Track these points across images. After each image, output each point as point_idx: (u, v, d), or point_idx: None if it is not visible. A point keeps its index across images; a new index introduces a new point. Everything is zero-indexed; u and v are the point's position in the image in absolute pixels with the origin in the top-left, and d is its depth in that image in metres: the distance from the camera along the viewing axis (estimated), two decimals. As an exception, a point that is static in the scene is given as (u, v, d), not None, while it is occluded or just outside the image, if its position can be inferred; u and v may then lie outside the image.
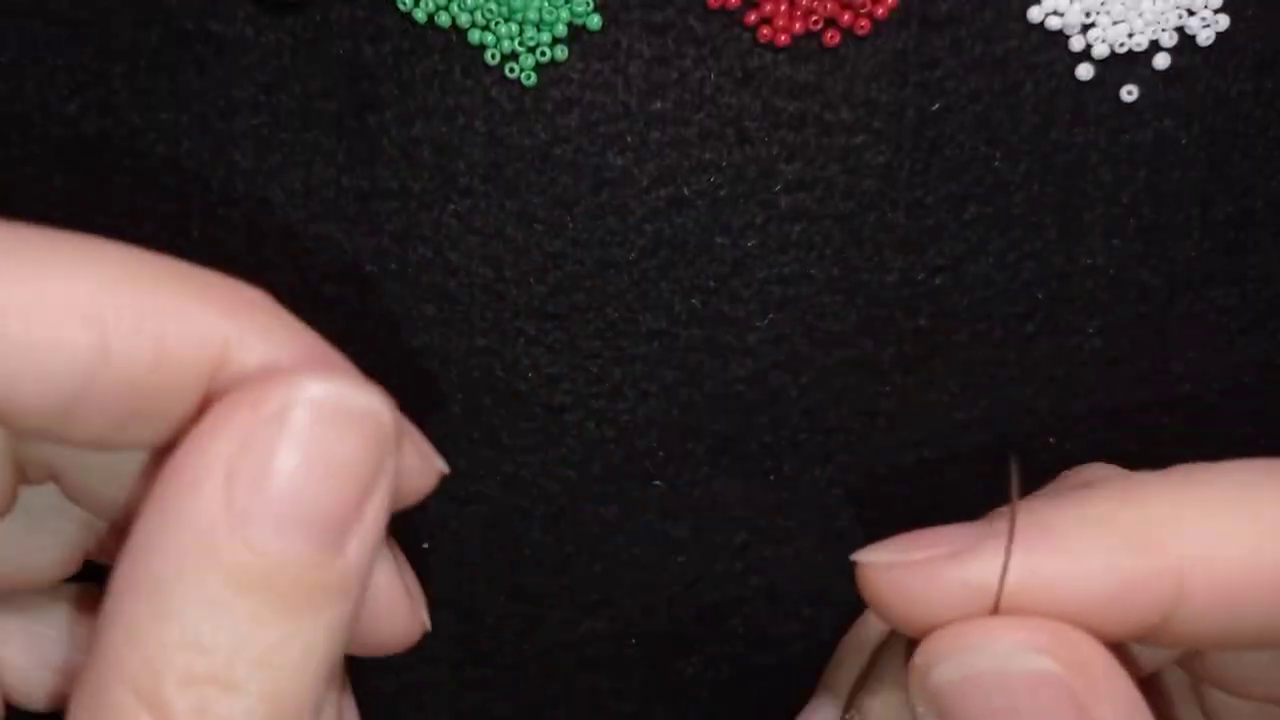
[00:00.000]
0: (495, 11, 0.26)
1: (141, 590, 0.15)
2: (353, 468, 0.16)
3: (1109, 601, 0.17)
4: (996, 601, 0.17)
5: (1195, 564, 0.17)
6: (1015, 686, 0.17)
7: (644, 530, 0.29)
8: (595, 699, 0.30)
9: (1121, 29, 0.26)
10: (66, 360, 0.15)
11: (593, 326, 0.28)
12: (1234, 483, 0.18)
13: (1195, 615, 0.17)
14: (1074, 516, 0.17)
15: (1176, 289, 0.28)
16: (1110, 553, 0.17)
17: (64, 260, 0.15)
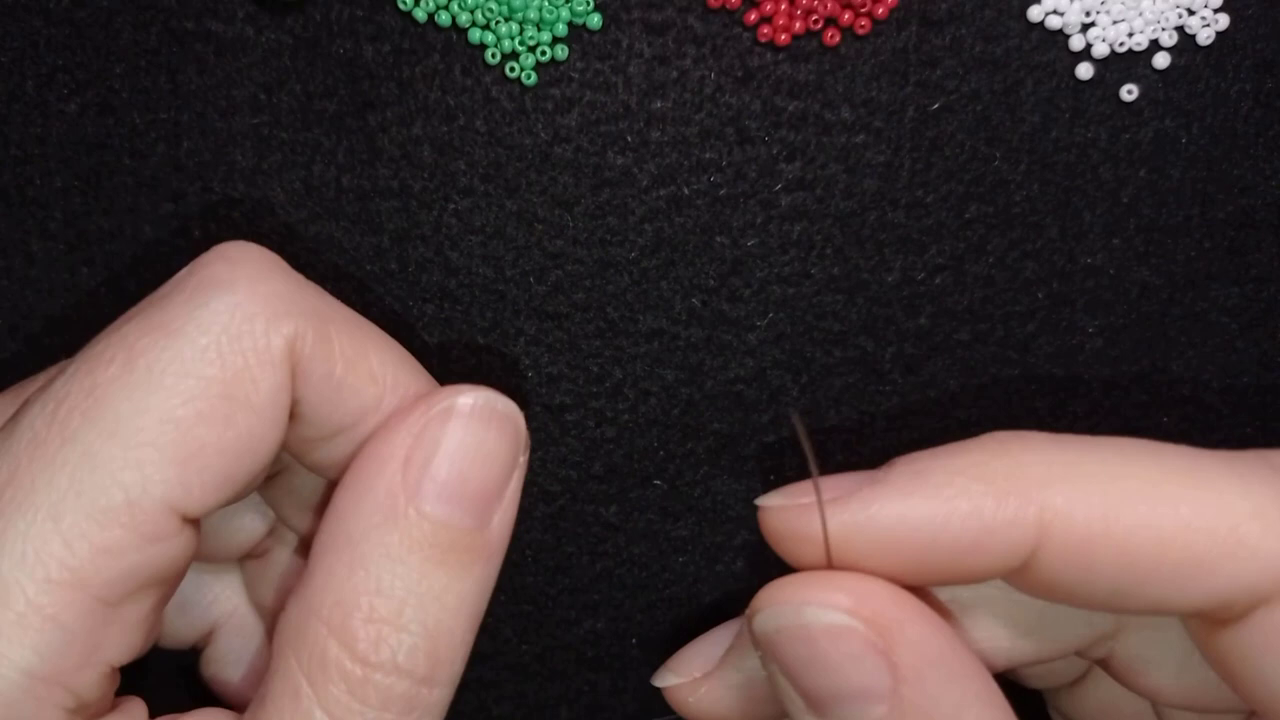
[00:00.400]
0: (495, 11, 0.26)
1: (337, 546, 0.20)
2: (497, 457, 0.21)
3: (974, 543, 0.19)
4: (826, 547, 0.20)
5: (1055, 515, 0.19)
6: (816, 638, 0.19)
7: (644, 530, 0.29)
8: (595, 699, 0.30)
9: (1121, 28, 0.26)
10: (357, 401, 0.21)
11: (593, 326, 0.28)
12: (1106, 449, 0.19)
13: (1053, 566, 0.19)
14: (948, 465, 0.19)
15: (1176, 289, 0.28)
16: (977, 498, 0.19)
17: (375, 335, 0.22)
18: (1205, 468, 0.19)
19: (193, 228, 0.27)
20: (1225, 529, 0.18)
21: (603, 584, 0.29)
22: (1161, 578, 0.19)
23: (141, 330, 0.20)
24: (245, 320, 0.20)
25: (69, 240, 0.28)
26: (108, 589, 0.19)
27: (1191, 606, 0.19)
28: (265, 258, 0.21)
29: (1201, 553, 0.18)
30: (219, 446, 0.19)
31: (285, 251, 0.27)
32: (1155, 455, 0.19)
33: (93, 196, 0.27)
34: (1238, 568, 0.18)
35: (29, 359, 0.28)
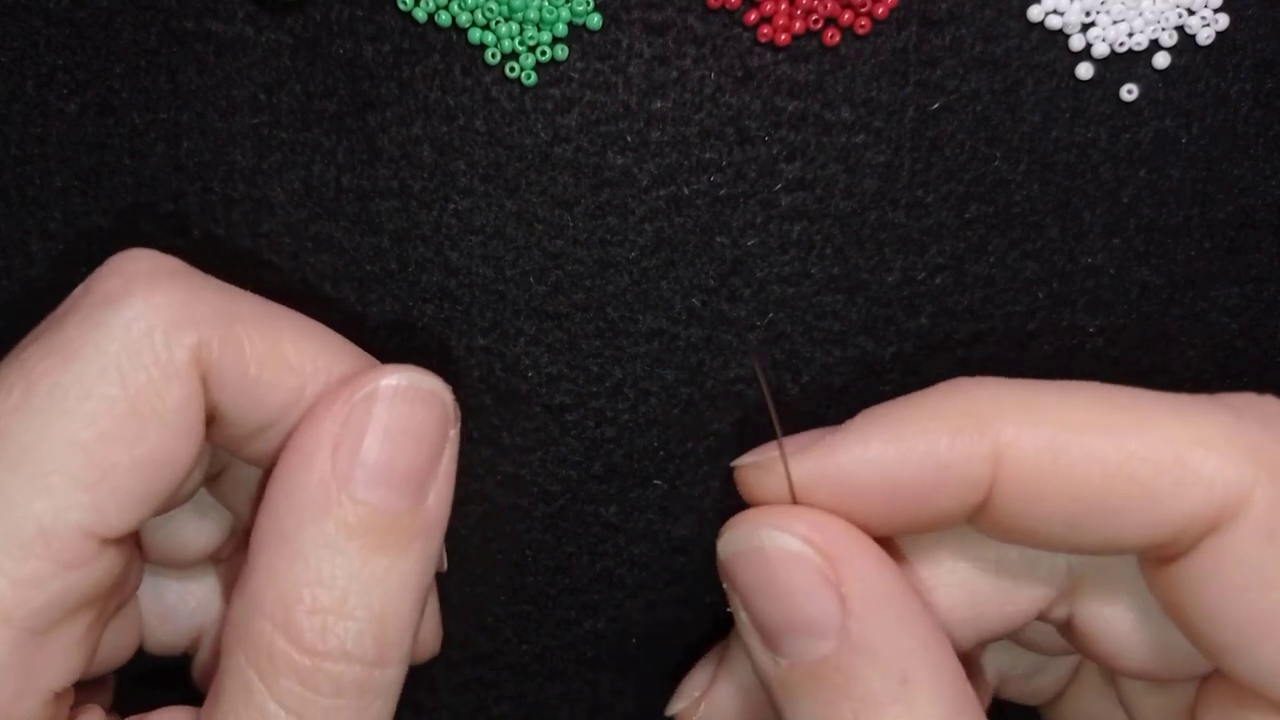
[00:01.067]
0: (495, 11, 0.26)
1: (274, 540, 0.20)
2: (426, 434, 0.21)
3: (933, 481, 0.20)
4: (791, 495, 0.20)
5: (1007, 448, 0.19)
6: (771, 561, 0.20)
7: (644, 530, 0.29)
8: (595, 699, 0.30)
9: (1121, 28, 0.26)
10: (277, 397, 0.21)
11: (593, 326, 0.28)
12: (1057, 388, 0.20)
13: (1009, 501, 0.19)
14: (905, 409, 0.20)
15: (1176, 289, 0.28)
16: (932, 436, 0.20)
17: (289, 326, 0.21)
18: (1152, 403, 0.20)
19: (192, 228, 0.27)
20: (1170, 458, 0.19)
21: (603, 584, 0.29)
22: (1111, 508, 0.19)
23: (39, 355, 0.20)
24: (144, 335, 0.20)
25: (69, 240, 0.28)
26: (33, 619, 0.19)
27: (1143, 539, 0.19)
28: (161, 266, 0.21)
29: (1147, 481, 0.19)
30: (130, 465, 0.19)
31: (285, 251, 0.27)
32: (1104, 392, 0.20)
33: (93, 196, 0.27)
34: (1183, 495, 0.19)
35: (29, 359, 0.28)
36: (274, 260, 0.27)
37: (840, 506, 0.20)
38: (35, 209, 0.27)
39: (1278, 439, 0.19)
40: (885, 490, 0.20)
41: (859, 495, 0.20)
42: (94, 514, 0.19)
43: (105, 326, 0.20)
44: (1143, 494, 0.19)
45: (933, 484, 0.20)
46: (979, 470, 0.19)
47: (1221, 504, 0.18)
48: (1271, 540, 0.18)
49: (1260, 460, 0.19)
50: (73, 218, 0.27)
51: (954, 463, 0.19)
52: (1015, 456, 0.19)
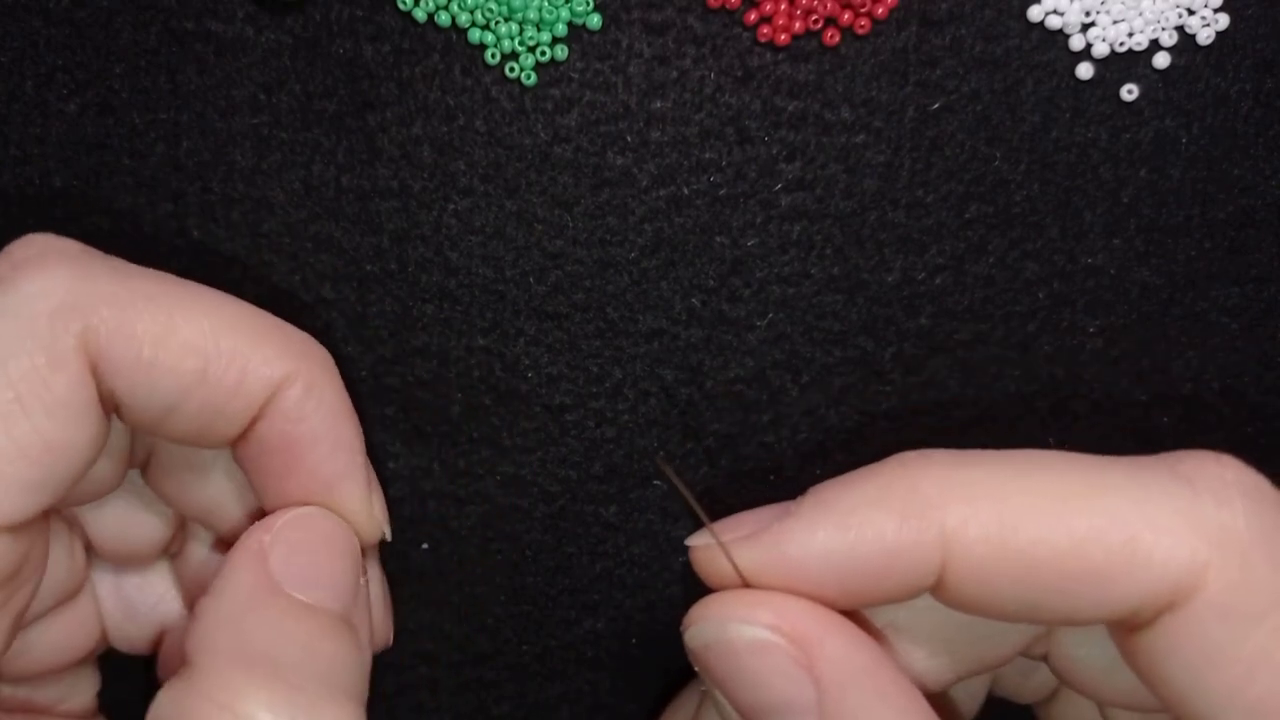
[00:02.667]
0: (495, 11, 0.26)
1: (218, 624, 0.20)
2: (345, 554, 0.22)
3: (882, 566, 0.20)
4: (740, 576, 0.21)
5: (954, 534, 0.19)
6: (740, 653, 0.20)
7: (644, 530, 0.29)
8: (595, 699, 0.30)
9: (1121, 28, 0.26)
10: (175, 378, 0.21)
11: (593, 326, 0.28)
12: (1005, 464, 0.20)
13: (960, 582, 0.20)
14: (851, 494, 0.20)
15: (1176, 289, 0.28)
16: (879, 524, 0.20)
17: (187, 306, 0.21)
18: (1103, 479, 0.20)
19: (192, 228, 0.27)
20: (1120, 541, 0.19)
21: (603, 584, 0.29)
22: (1065, 590, 0.19)
23: None
24: (29, 322, 0.19)
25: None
26: None
27: (1099, 616, 0.19)
28: (52, 248, 0.21)
29: (1099, 565, 0.19)
30: (16, 453, 0.19)
31: (285, 251, 0.27)
32: (1053, 468, 0.20)
33: (93, 196, 0.27)
34: (1136, 578, 0.19)
35: (29, 359, 0.28)
36: (274, 260, 0.27)
37: (793, 589, 0.20)
38: (35, 209, 0.27)
39: (1230, 513, 0.19)
40: (835, 575, 0.20)
41: (810, 580, 0.20)
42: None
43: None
44: (1095, 576, 0.19)
45: (882, 569, 0.20)
46: (928, 555, 0.19)
47: (1175, 585, 0.19)
48: (1226, 619, 0.18)
49: (1213, 539, 0.19)
50: (73, 218, 0.27)
51: (901, 549, 0.20)
52: (963, 541, 0.19)
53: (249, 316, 0.22)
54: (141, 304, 0.20)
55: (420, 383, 0.28)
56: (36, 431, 0.19)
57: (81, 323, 0.20)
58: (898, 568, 0.20)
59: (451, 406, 0.28)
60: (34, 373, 0.19)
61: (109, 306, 0.20)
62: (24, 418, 0.19)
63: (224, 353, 0.21)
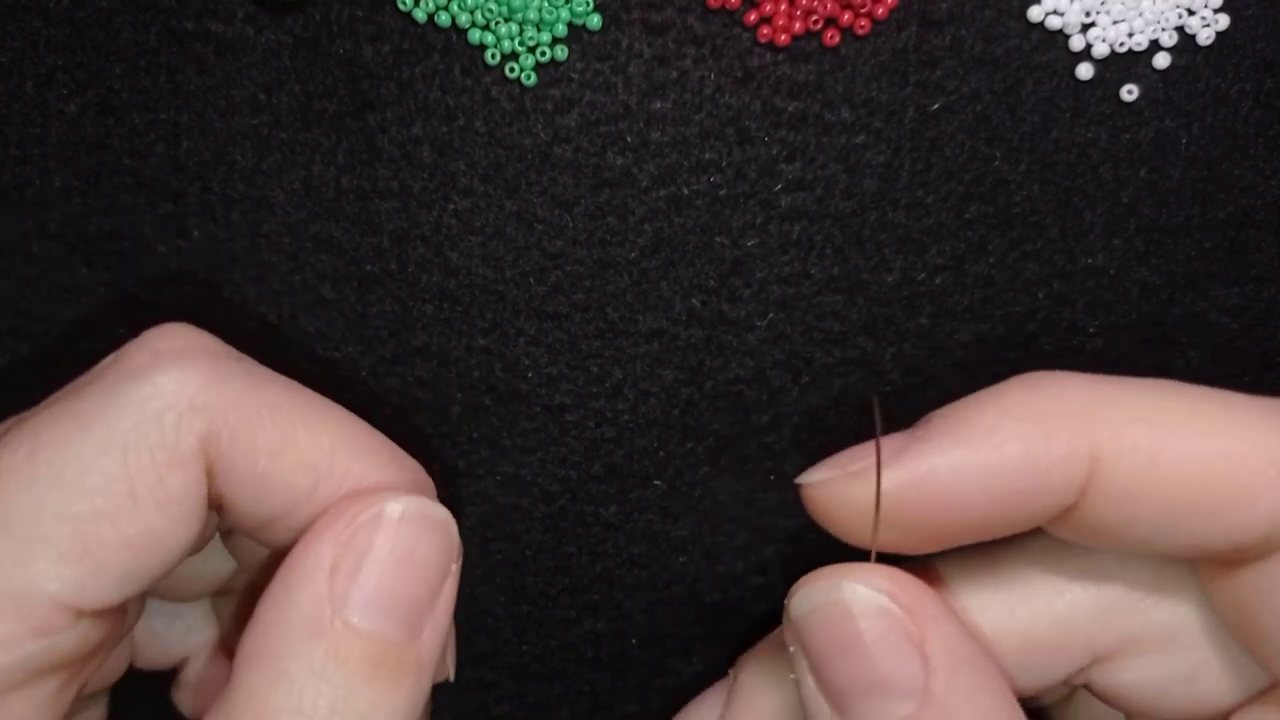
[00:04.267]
0: (495, 11, 0.26)
1: (259, 659, 0.19)
2: (428, 566, 0.20)
3: (1029, 485, 0.19)
4: (876, 513, 0.19)
5: (1105, 449, 0.19)
6: (854, 616, 0.19)
7: (644, 530, 0.29)
8: (595, 699, 0.30)
9: (1121, 28, 0.26)
10: (286, 494, 0.20)
11: (593, 326, 0.28)
12: (1144, 387, 0.19)
13: (1101, 503, 0.19)
14: (992, 409, 0.19)
15: (1176, 289, 0.28)
16: (1027, 438, 0.19)
17: (310, 420, 0.21)
18: (1241, 405, 0.19)
19: (192, 228, 0.27)
20: (1265, 461, 0.18)
21: (603, 584, 0.29)
22: (1204, 511, 0.18)
23: (51, 420, 0.19)
24: (155, 415, 0.19)
25: (69, 240, 0.28)
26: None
27: (1233, 541, 0.19)
28: (194, 344, 0.21)
29: (1243, 484, 0.18)
30: (119, 544, 0.19)
31: (285, 251, 0.27)
32: (1192, 393, 0.19)
33: (93, 196, 0.27)
34: (1276, 499, 0.18)
35: (29, 359, 0.28)
36: (274, 260, 0.27)
37: (932, 517, 0.19)
38: (35, 209, 0.27)
39: None
40: (980, 498, 0.19)
41: (951, 505, 0.19)
42: (72, 587, 0.19)
43: (120, 402, 0.19)
44: (1237, 495, 0.18)
45: (1029, 489, 0.19)
46: (1076, 471, 0.19)
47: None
48: None
49: None
50: (73, 218, 0.27)
51: (1051, 465, 0.19)
52: (1112, 456, 0.18)
53: (365, 437, 0.22)
54: (266, 414, 0.20)
55: (420, 383, 0.28)
56: (144, 525, 0.19)
57: (207, 426, 0.19)
58: (1045, 486, 0.19)
59: (451, 406, 0.28)
60: (152, 468, 0.19)
61: (235, 413, 0.20)
62: (135, 511, 0.19)
63: (336, 473, 0.21)
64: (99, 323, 0.28)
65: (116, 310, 0.28)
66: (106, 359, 0.21)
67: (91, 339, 0.28)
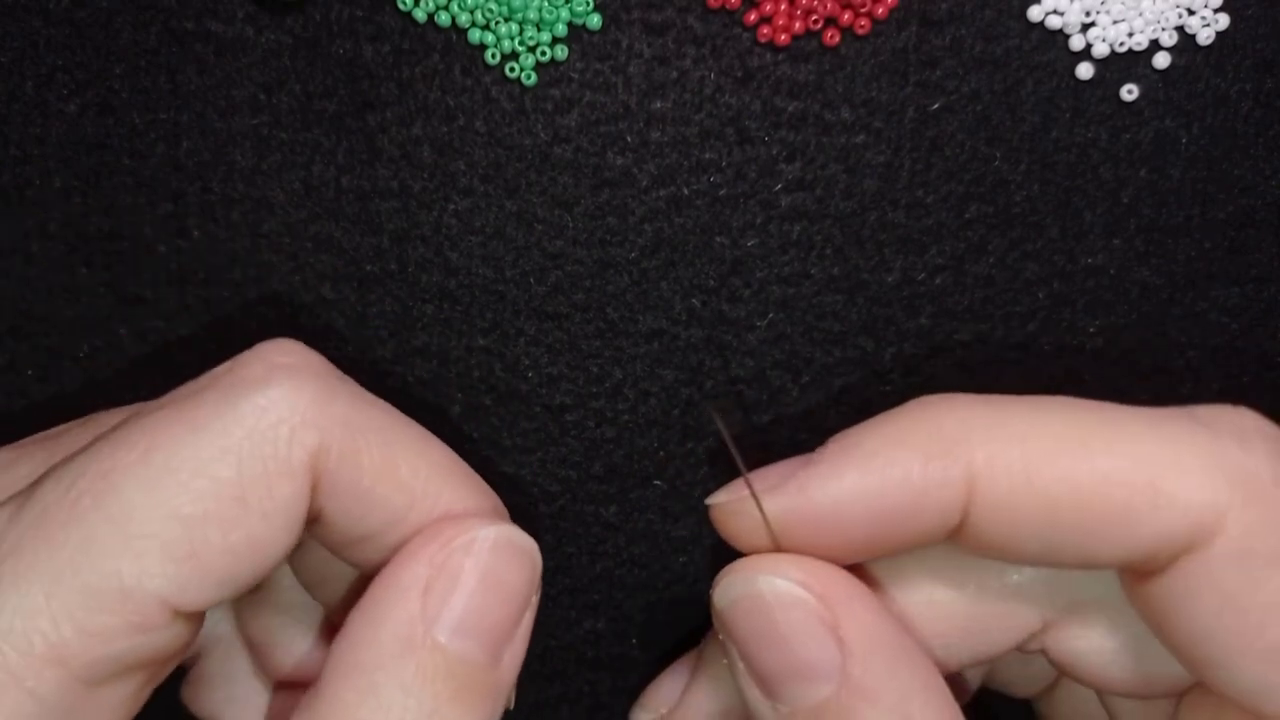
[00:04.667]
0: (495, 11, 0.26)
1: (349, 671, 0.20)
2: (514, 593, 0.21)
3: (909, 507, 0.20)
4: (770, 534, 0.20)
5: (979, 472, 0.19)
6: (769, 606, 0.20)
7: (644, 530, 0.29)
8: (595, 699, 0.30)
9: (1121, 28, 0.26)
10: (383, 512, 0.21)
11: (593, 326, 0.28)
12: (1028, 406, 0.20)
13: (984, 522, 0.20)
14: (875, 435, 0.20)
15: (1176, 289, 0.28)
16: (904, 464, 0.20)
17: (408, 445, 0.21)
18: (1125, 421, 0.19)
19: (192, 228, 0.27)
20: (1143, 480, 0.19)
21: (603, 584, 0.29)
22: (1086, 530, 0.19)
23: (168, 421, 0.20)
24: (270, 427, 0.20)
25: (69, 240, 0.28)
26: (89, 670, 0.19)
27: (1117, 558, 0.19)
28: (306, 361, 0.21)
29: (1122, 504, 0.19)
30: (223, 548, 0.19)
31: (285, 251, 0.27)
32: (1076, 410, 0.20)
33: (93, 196, 0.27)
34: (1157, 518, 0.19)
35: (29, 359, 0.28)
36: (274, 260, 0.27)
37: (818, 538, 0.20)
38: (35, 209, 0.27)
39: (1253, 457, 0.19)
40: (862, 520, 0.20)
41: (836, 527, 0.20)
42: (175, 586, 0.19)
43: (236, 410, 0.20)
44: (1118, 515, 0.19)
45: (909, 511, 0.20)
46: (953, 494, 0.19)
47: (1196, 526, 0.19)
48: (1245, 562, 0.18)
49: (1235, 482, 0.19)
50: (73, 218, 0.27)
51: (928, 489, 0.19)
52: (988, 479, 0.19)
53: (454, 465, 0.22)
54: (372, 435, 0.21)
55: (420, 383, 0.28)
56: (249, 532, 0.20)
57: (317, 441, 0.20)
58: (924, 508, 0.19)
59: (451, 406, 0.28)
60: (263, 477, 0.20)
61: (343, 431, 0.20)
62: (243, 517, 0.19)
63: (429, 497, 0.21)
64: (99, 323, 0.28)
65: (116, 310, 0.28)
66: (220, 367, 0.21)
67: (91, 339, 0.28)
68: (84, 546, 0.19)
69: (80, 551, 0.19)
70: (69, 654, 0.19)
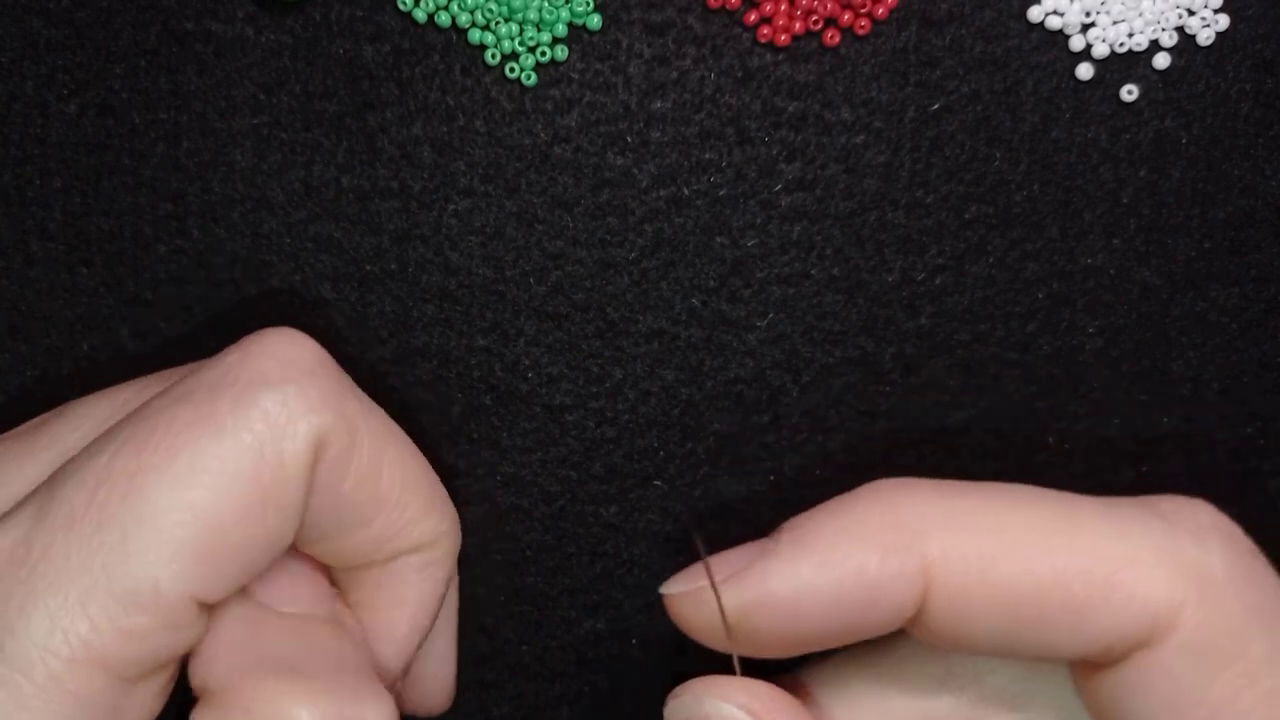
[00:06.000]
0: (495, 11, 0.26)
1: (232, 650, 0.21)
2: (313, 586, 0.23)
3: (866, 600, 0.20)
4: (726, 628, 0.21)
5: (935, 566, 0.19)
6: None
7: (644, 530, 0.29)
8: (595, 699, 0.30)
9: (1121, 28, 0.26)
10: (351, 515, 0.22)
11: (593, 326, 0.28)
12: (985, 496, 0.20)
13: (940, 615, 0.20)
14: (831, 527, 0.20)
15: (1176, 289, 0.28)
16: (860, 557, 0.20)
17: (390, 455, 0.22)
18: (1083, 515, 0.20)
19: (192, 228, 0.27)
20: (1101, 576, 0.19)
21: (603, 584, 0.29)
22: (1043, 624, 0.19)
23: (189, 420, 0.20)
24: (287, 424, 0.20)
25: (69, 240, 0.28)
26: (128, 669, 0.19)
27: (1074, 652, 0.20)
28: (316, 357, 0.22)
29: (1079, 599, 0.19)
30: (245, 542, 0.20)
31: (285, 251, 0.27)
32: (1032, 503, 0.20)
33: (93, 196, 0.27)
34: (1114, 613, 0.19)
35: (29, 359, 0.28)
36: (274, 260, 0.27)
37: (774, 628, 0.21)
38: (35, 209, 0.27)
39: (1208, 554, 0.19)
40: (820, 611, 0.20)
41: (793, 617, 0.20)
42: (203, 582, 0.20)
43: (257, 409, 0.20)
44: (1074, 610, 0.19)
45: (865, 603, 0.20)
46: (909, 587, 0.20)
47: (1152, 622, 0.19)
48: (1199, 660, 0.19)
49: (1190, 578, 0.19)
50: (73, 218, 0.27)
51: (884, 582, 0.20)
52: (945, 573, 0.19)
53: (427, 478, 0.23)
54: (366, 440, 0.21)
55: (420, 383, 0.28)
56: (264, 526, 0.20)
57: (322, 439, 0.21)
58: (881, 600, 0.20)
59: (451, 406, 0.28)
60: (279, 474, 0.20)
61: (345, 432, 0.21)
62: (261, 513, 0.20)
63: (397, 507, 0.22)
64: (99, 323, 0.28)
65: (116, 310, 0.28)
66: (229, 356, 0.21)
67: (91, 339, 0.28)
68: (116, 549, 0.19)
69: (113, 554, 0.19)
70: (109, 655, 0.19)
